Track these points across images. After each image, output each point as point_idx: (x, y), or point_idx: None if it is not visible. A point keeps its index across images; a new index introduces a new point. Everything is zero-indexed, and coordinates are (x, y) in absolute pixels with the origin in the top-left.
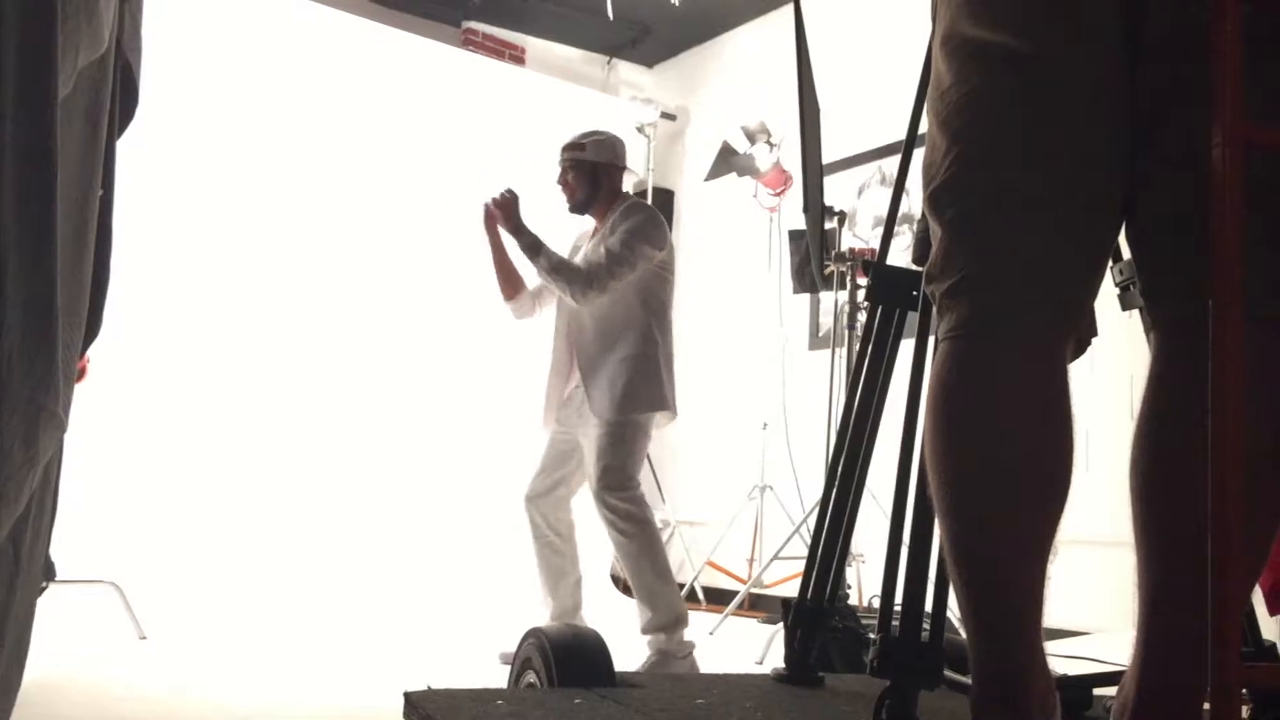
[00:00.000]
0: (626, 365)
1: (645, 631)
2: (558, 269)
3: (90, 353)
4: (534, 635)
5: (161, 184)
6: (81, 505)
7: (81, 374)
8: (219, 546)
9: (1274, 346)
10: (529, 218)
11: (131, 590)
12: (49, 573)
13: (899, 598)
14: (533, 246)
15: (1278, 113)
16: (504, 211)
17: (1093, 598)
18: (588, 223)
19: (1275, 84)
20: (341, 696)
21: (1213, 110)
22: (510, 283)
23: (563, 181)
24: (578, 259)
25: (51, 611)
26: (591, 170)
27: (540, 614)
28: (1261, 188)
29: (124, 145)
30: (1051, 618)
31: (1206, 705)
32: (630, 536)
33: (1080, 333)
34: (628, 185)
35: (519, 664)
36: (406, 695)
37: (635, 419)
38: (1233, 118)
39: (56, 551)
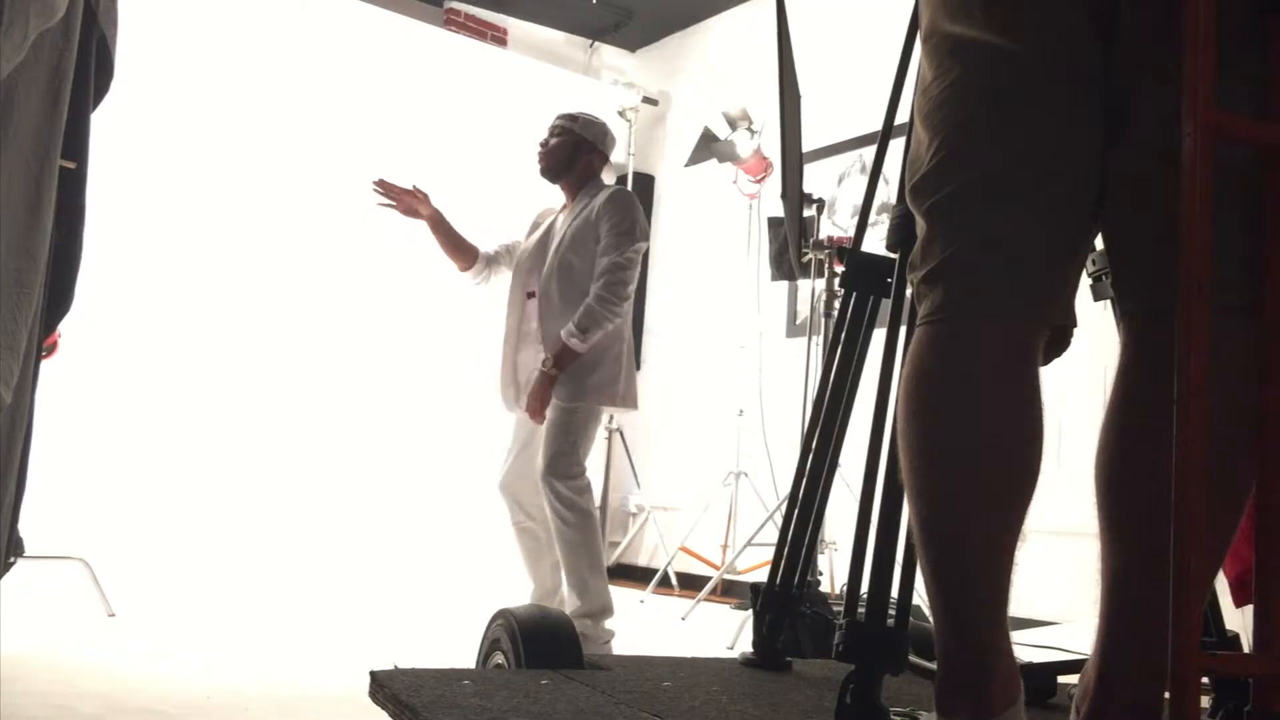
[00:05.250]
0: (593, 354)
1: (571, 617)
2: (593, 322)
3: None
4: (502, 616)
5: (138, 162)
6: (51, 481)
7: (53, 349)
8: (188, 524)
9: (1240, 334)
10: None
11: (100, 567)
12: (17, 549)
13: (866, 583)
14: (570, 350)
15: (1243, 104)
16: (539, 401)
17: (1064, 589)
18: (552, 200)
19: (1244, 75)
20: (309, 675)
21: (1183, 101)
22: (462, 254)
23: (544, 144)
24: (556, 239)
25: (20, 588)
26: (574, 144)
27: (516, 595)
28: (1229, 177)
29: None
30: (1023, 608)
31: (1167, 693)
32: (571, 525)
33: (1059, 321)
34: (608, 179)
35: (487, 645)
36: (372, 674)
37: (591, 407)
38: (1203, 108)
39: (25, 527)
